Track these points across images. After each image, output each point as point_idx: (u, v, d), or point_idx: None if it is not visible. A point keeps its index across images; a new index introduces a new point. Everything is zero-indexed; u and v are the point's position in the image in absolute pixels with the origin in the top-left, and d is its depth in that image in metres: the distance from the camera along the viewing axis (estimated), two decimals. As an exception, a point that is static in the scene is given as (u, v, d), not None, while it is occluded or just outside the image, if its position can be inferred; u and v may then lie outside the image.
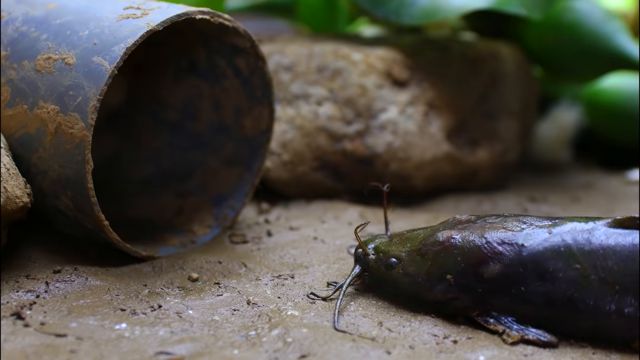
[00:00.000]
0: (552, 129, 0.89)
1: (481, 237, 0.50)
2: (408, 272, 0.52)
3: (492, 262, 0.49)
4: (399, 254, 0.52)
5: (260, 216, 0.68)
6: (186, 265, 0.57)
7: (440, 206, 0.73)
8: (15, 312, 0.49)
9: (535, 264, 0.49)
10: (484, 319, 0.50)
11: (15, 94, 0.55)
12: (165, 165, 0.67)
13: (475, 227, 0.51)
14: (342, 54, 0.73)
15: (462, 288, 0.50)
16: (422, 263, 0.51)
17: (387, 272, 0.52)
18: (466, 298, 0.50)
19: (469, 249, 0.50)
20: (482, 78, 0.77)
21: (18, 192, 0.52)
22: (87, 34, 0.54)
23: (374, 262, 0.53)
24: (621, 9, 0.99)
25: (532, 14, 0.74)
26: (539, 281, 0.49)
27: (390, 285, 0.53)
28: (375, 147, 0.71)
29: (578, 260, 0.48)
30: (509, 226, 0.51)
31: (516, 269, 0.49)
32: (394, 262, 0.52)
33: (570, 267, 0.48)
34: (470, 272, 0.50)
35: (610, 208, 0.74)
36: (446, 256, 0.50)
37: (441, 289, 0.50)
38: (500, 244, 0.50)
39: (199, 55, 0.64)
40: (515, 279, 0.49)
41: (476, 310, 0.50)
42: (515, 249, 0.49)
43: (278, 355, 0.46)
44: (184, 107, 0.66)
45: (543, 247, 0.49)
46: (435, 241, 0.51)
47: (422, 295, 0.52)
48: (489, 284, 0.49)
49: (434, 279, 0.51)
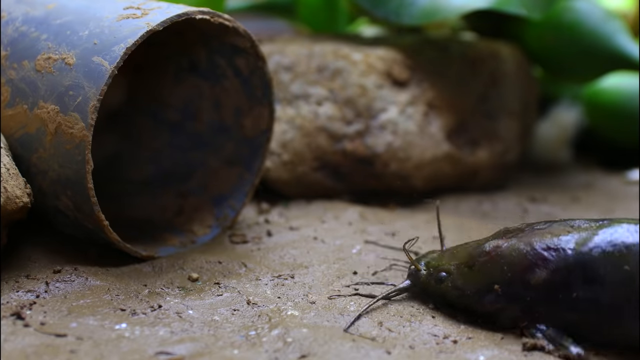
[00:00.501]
0: (552, 129, 0.89)
1: (526, 244, 0.49)
2: (457, 285, 0.51)
3: (537, 268, 0.48)
4: (449, 267, 0.52)
5: (260, 216, 0.68)
6: (186, 265, 0.57)
7: (440, 206, 0.73)
8: (15, 312, 0.49)
9: (583, 268, 0.48)
10: (531, 331, 0.49)
11: (15, 94, 0.55)
12: (165, 165, 0.67)
13: (523, 234, 0.50)
14: (342, 54, 0.73)
15: (510, 298, 0.49)
16: (470, 275, 0.51)
17: (437, 286, 0.52)
18: (515, 308, 0.49)
19: (515, 256, 0.49)
20: (482, 78, 0.77)
21: (18, 192, 0.52)
22: (87, 34, 0.54)
23: (425, 277, 0.53)
24: (621, 9, 0.99)
25: (532, 14, 0.74)
26: (586, 286, 0.47)
27: (441, 299, 0.52)
28: (375, 147, 0.71)
29: (628, 262, 0.47)
30: (554, 231, 0.50)
31: (563, 274, 0.48)
32: (444, 275, 0.52)
33: (620, 270, 0.47)
34: (517, 281, 0.49)
35: (610, 208, 0.74)
36: (493, 266, 0.50)
37: (490, 300, 0.50)
38: (545, 249, 0.49)
39: (199, 55, 0.64)
40: (562, 284, 0.48)
41: (525, 320, 0.49)
42: (561, 254, 0.48)
43: (278, 355, 0.46)
44: (184, 107, 0.67)
45: (590, 250, 0.48)
46: (482, 252, 0.51)
47: (471, 308, 0.51)
48: (535, 292, 0.48)
49: (482, 290, 0.50)
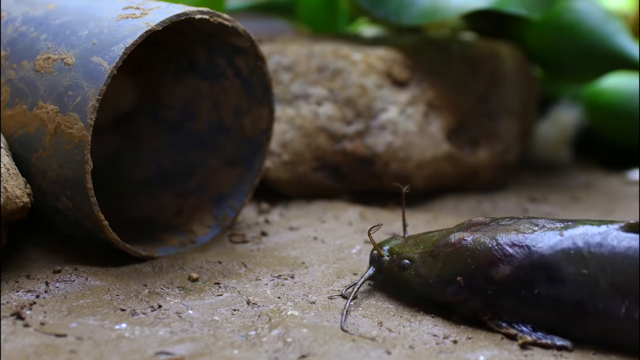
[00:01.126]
0: (552, 129, 0.89)
1: (492, 239, 0.50)
2: (420, 273, 0.51)
3: (502, 264, 0.49)
4: (412, 255, 0.52)
5: (260, 216, 0.68)
6: (186, 265, 0.57)
7: (440, 206, 0.73)
8: (15, 312, 0.49)
9: (546, 267, 0.48)
10: (496, 322, 0.49)
11: (14, 94, 0.55)
12: (165, 165, 0.67)
13: (488, 229, 0.51)
14: (342, 54, 0.73)
15: (472, 290, 0.49)
16: (434, 264, 0.51)
17: (400, 273, 0.52)
18: (476, 300, 0.50)
19: (480, 250, 0.50)
20: (482, 78, 0.77)
21: (18, 192, 0.52)
22: (86, 34, 0.54)
23: (388, 263, 0.53)
24: (621, 9, 0.99)
25: (532, 14, 0.74)
26: (549, 284, 0.48)
27: (403, 286, 0.53)
28: (375, 147, 0.71)
29: (588, 264, 0.48)
30: (520, 228, 0.50)
31: (526, 271, 0.48)
32: (407, 263, 0.52)
33: (580, 271, 0.48)
34: (480, 274, 0.49)
35: (610, 208, 0.74)
36: (457, 258, 0.50)
37: (451, 291, 0.50)
38: (510, 246, 0.49)
39: (198, 55, 0.64)
40: (525, 281, 0.48)
41: (487, 313, 0.49)
42: (526, 251, 0.49)
43: (278, 355, 0.46)
44: (184, 107, 0.66)
45: (554, 249, 0.49)
46: (447, 243, 0.51)
47: (433, 297, 0.51)
48: (498, 286, 0.49)
49: (444, 280, 0.50)
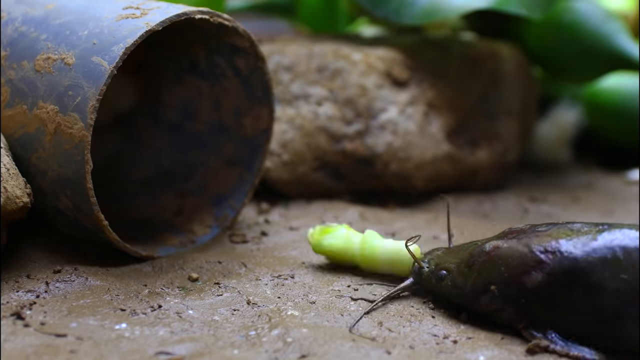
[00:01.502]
0: (552, 129, 0.89)
1: (525, 246, 0.49)
2: (456, 283, 0.51)
3: (534, 271, 0.48)
4: (449, 265, 0.52)
5: (260, 216, 0.68)
6: (186, 265, 0.57)
7: (441, 206, 0.73)
8: (15, 312, 0.49)
9: (580, 273, 0.47)
10: (529, 332, 0.48)
11: (14, 94, 0.55)
12: (165, 165, 0.67)
13: (523, 236, 0.50)
14: (342, 54, 0.73)
15: (506, 299, 0.49)
16: (469, 274, 0.51)
17: (437, 284, 0.52)
18: (510, 309, 0.49)
19: (512, 258, 0.49)
20: (482, 78, 0.77)
21: (18, 192, 0.52)
22: (86, 34, 0.54)
23: (427, 274, 0.53)
24: (621, 9, 0.99)
25: (533, 14, 0.74)
26: (583, 291, 0.47)
27: (441, 297, 0.52)
28: (375, 147, 0.71)
29: (625, 269, 0.47)
30: (554, 234, 0.49)
31: (559, 278, 0.48)
32: (444, 274, 0.52)
33: (617, 277, 0.47)
34: (514, 282, 0.49)
35: (610, 208, 0.74)
36: (491, 266, 0.50)
37: (486, 300, 0.50)
38: (543, 252, 0.48)
39: (198, 55, 0.64)
40: (558, 288, 0.48)
41: (521, 322, 0.49)
42: (559, 257, 0.48)
43: (278, 355, 0.46)
44: (184, 107, 0.66)
45: (588, 254, 0.48)
46: (482, 252, 0.50)
47: (470, 307, 0.51)
48: (532, 294, 0.48)
49: (479, 290, 0.50)
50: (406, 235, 0.64)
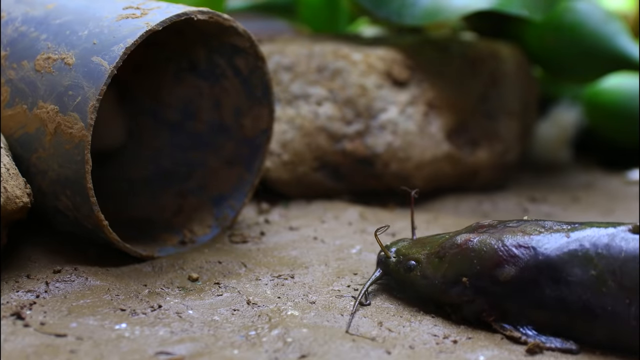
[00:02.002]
0: (552, 129, 0.89)
1: (498, 240, 0.50)
2: (426, 274, 0.51)
3: (507, 265, 0.49)
4: (418, 256, 0.52)
5: (260, 216, 0.68)
6: (186, 265, 0.57)
7: (440, 206, 0.73)
8: (15, 312, 0.49)
9: (552, 268, 0.48)
10: (500, 324, 0.49)
11: (14, 94, 0.55)
12: (165, 165, 0.67)
13: (495, 230, 0.51)
14: (342, 54, 0.73)
15: (477, 291, 0.50)
16: (440, 265, 0.51)
17: (406, 274, 0.52)
18: (481, 301, 0.50)
19: (485, 251, 0.50)
20: (482, 78, 0.77)
21: (18, 192, 0.52)
22: (86, 34, 0.54)
23: (395, 264, 0.53)
24: (622, 10, 0.99)
25: (534, 15, 0.74)
26: (555, 285, 0.48)
27: (409, 287, 0.53)
28: (375, 147, 0.71)
29: (596, 265, 0.48)
30: (527, 230, 0.50)
31: (532, 272, 0.48)
32: (413, 264, 0.52)
33: (588, 273, 0.48)
34: (486, 275, 0.49)
35: (610, 208, 0.74)
36: (463, 259, 0.50)
37: (457, 292, 0.50)
38: (516, 247, 0.49)
39: (198, 55, 0.64)
40: (531, 282, 0.48)
41: (492, 314, 0.49)
42: (532, 252, 0.49)
43: (278, 355, 0.46)
44: (184, 106, 0.66)
45: (561, 251, 0.48)
46: (453, 244, 0.51)
47: (438, 298, 0.51)
48: (504, 287, 0.49)
49: (450, 281, 0.50)
50: (406, 235, 0.64)
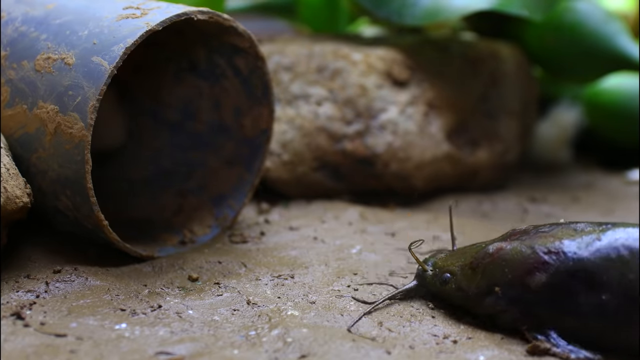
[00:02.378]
0: (552, 129, 0.89)
1: (528, 247, 0.49)
2: (460, 286, 0.51)
3: (538, 272, 0.48)
4: (453, 268, 0.52)
5: (260, 216, 0.68)
6: (186, 265, 0.57)
7: (440, 206, 0.73)
8: (15, 312, 0.49)
9: (584, 273, 0.47)
10: (532, 334, 0.48)
11: (14, 94, 0.55)
12: (165, 165, 0.67)
13: (527, 237, 0.50)
14: (342, 54, 0.73)
15: (510, 300, 0.49)
16: (473, 276, 0.50)
17: (442, 287, 0.52)
18: (514, 310, 0.49)
19: (516, 259, 0.49)
20: (482, 78, 0.77)
21: (18, 192, 0.52)
22: (86, 34, 0.54)
23: (431, 277, 0.53)
24: (622, 10, 0.99)
25: (534, 15, 0.74)
26: (588, 291, 0.47)
27: (446, 300, 0.52)
28: (375, 147, 0.71)
29: (631, 268, 0.47)
30: (557, 234, 0.49)
31: (563, 278, 0.48)
32: (448, 277, 0.52)
33: (623, 276, 0.47)
34: (517, 283, 0.49)
35: (610, 208, 0.74)
36: (495, 268, 0.50)
37: (490, 302, 0.50)
38: (546, 253, 0.48)
39: (198, 55, 0.64)
40: (563, 288, 0.48)
41: (525, 323, 0.49)
42: (562, 257, 0.48)
43: (278, 355, 0.46)
44: (184, 107, 0.66)
45: (591, 254, 0.48)
46: (486, 254, 0.50)
47: (473, 309, 0.51)
48: (536, 295, 0.48)
49: (483, 292, 0.50)
50: (406, 235, 0.64)
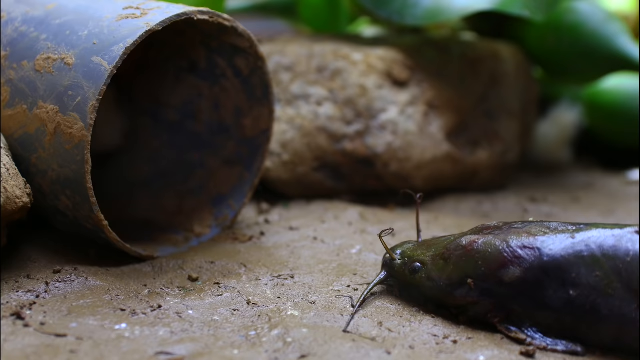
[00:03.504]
0: (552, 129, 0.89)
1: (503, 242, 0.50)
2: (431, 276, 0.51)
3: (512, 266, 0.49)
4: (424, 258, 0.52)
5: (260, 216, 0.68)
6: (186, 265, 0.57)
7: (440, 206, 0.73)
8: (15, 312, 0.49)
9: (557, 270, 0.48)
10: (505, 326, 0.49)
11: (14, 94, 0.55)
12: (165, 165, 0.67)
13: (500, 232, 0.51)
14: (342, 54, 0.73)
15: (482, 292, 0.50)
16: (445, 267, 0.51)
17: (411, 276, 0.52)
18: (486, 302, 0.50)
19: (490, 253, 0.50)
20: (482, 78, 0.77)
21: (18, 192, 0.52)
22: (86, 34, 0.54)
23: (400, 266, 0.53)
24: (622, 10, 0.99)
25: (535, 15, 0.74)
26: (560, 287, 0.48)
27: (415, 289, 0.53)
28: (375, 147, 0.71)
29: (602, 266, 0.48)
30: (532, 231, 0.50)
31: (537, 273, 0.48)
32: (418, 266, 0.52)
33: (594, 274, 0.48)
34: (491, 276, 0.49)
35: (610, 208, 0.74)
36: (467, 260, 0.50)
37: (461, 293, 0.50)
38: (521, 248, 0.49)
39: (198, 56, 0.64)
40: (536, 283, 0.48)
41: (497, 316, 0.49)
42: (537, 253, 0.49)
43: (278, 355, 0.46)
44: (183, 107, 0.66)
45: (566, 252, 0.48)
46: (458, 245, 0.51)
47: (443, 300, 0.51)
48: (509, 289, 0.49)
49: (455, 283, 0.50)
50: (406, 236, 0.64)
